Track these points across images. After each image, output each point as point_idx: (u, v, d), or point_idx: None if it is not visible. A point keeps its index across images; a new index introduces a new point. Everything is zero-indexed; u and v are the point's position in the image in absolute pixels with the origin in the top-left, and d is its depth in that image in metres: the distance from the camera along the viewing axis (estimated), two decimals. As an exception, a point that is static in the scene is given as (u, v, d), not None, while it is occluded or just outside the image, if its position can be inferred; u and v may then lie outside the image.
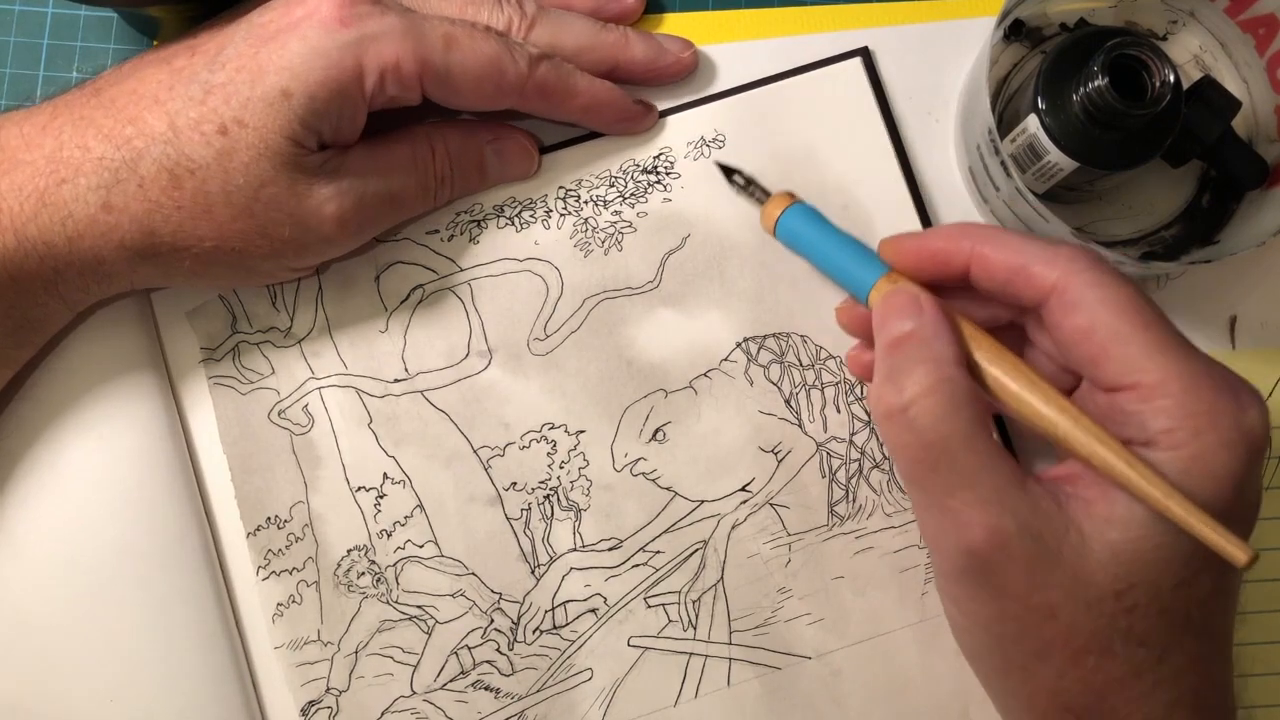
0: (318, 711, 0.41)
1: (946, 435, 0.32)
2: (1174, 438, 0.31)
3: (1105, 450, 0.31)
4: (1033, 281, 0.33)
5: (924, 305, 0.34)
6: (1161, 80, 0.38)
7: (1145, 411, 0.31)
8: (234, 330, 0.43)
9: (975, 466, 0.32)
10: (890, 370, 0.34)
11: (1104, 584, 0.31)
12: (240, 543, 0.42)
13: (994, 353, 0.34)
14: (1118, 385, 0.32)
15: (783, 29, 0.45)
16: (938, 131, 0.45)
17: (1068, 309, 0.33)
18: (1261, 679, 0.43)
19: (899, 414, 0.33)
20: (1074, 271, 0.33)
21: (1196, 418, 0.31)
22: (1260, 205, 0.43)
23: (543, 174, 0.44)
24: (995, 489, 0.32)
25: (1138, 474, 0.30)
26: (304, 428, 0.43)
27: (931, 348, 0.33)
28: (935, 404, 0.32)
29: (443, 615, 0.42)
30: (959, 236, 0.35)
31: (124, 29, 0.46)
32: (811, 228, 0.39)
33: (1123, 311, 0.32)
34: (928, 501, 0.33)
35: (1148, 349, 0.31)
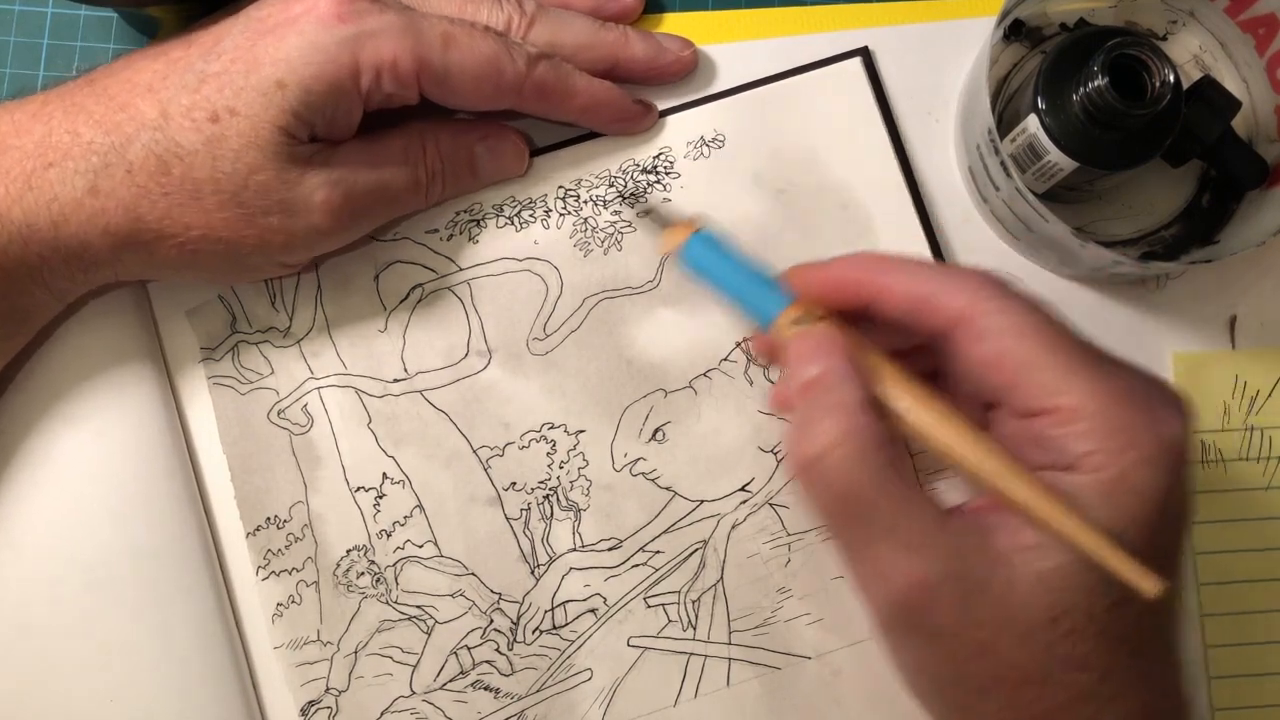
0: (317, 711, 0.41)
1: (860, 486, 0.31)
2: (1094, 460, 0.30)
3: (1014, 484, 0.31)
4: (938, 311, 0.33)
5: (832, 347, 0.34)
6: (1161, 80, 0.38)
7: (1063, 436, 0.31)
8: (233, 330, 0.43)
9: (892, 514, 0.31)
10: (800, 420, 0.33)
11: (1036, 614, 0.30)
12: (240, 543, 0.42)
13: (903, 386, 0.33)
14: (1033, 411, 0.31)
15: (782, 29, 0.45)
16: (937, 131, 0.45)
17: (975, 338, 0.32)
18: (1262, 679, 0.43)
19: (811, 468, 0.32)
20: (978, 300, 0.32)
21: (1115, 437, 0.30)
22: (1260, 205, 0.43)
23: (542, 173, 0.44)
24: (915, 534, 0.31)
25: (1045, 505, 0.30)
26: (303, 428, 0.43)
27: (838, 394, 0.33)
28: (845, 455, 0.32)
29: (442, 615, 0.42)
30: (863, 266, 0.35)
31: (124, 29, 0.46)
32: (715, 255, 0.37)
33: (1031, 337, 0.31)
34: (850, 553, 0.33)
35: (1060, 373, 0.31)
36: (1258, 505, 0.44)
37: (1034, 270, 0.44)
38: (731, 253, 0.37)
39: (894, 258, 0.35)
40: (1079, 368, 0.31)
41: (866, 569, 0.32)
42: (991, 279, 0.33)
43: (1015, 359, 0.31)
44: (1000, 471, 0.31)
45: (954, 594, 0.30)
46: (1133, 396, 0.31)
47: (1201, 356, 0.44)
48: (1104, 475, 0.30)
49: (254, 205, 0.37)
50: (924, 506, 0.31)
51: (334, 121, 0.38)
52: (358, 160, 0.39)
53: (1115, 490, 0.30)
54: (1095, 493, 0.30)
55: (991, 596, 0.30)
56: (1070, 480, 0.30)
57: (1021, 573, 0.30)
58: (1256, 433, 0.44)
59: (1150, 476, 0.30)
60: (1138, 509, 0.30)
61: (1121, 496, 0.30)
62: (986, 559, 0.31)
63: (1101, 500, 0.30)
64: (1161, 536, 0.30)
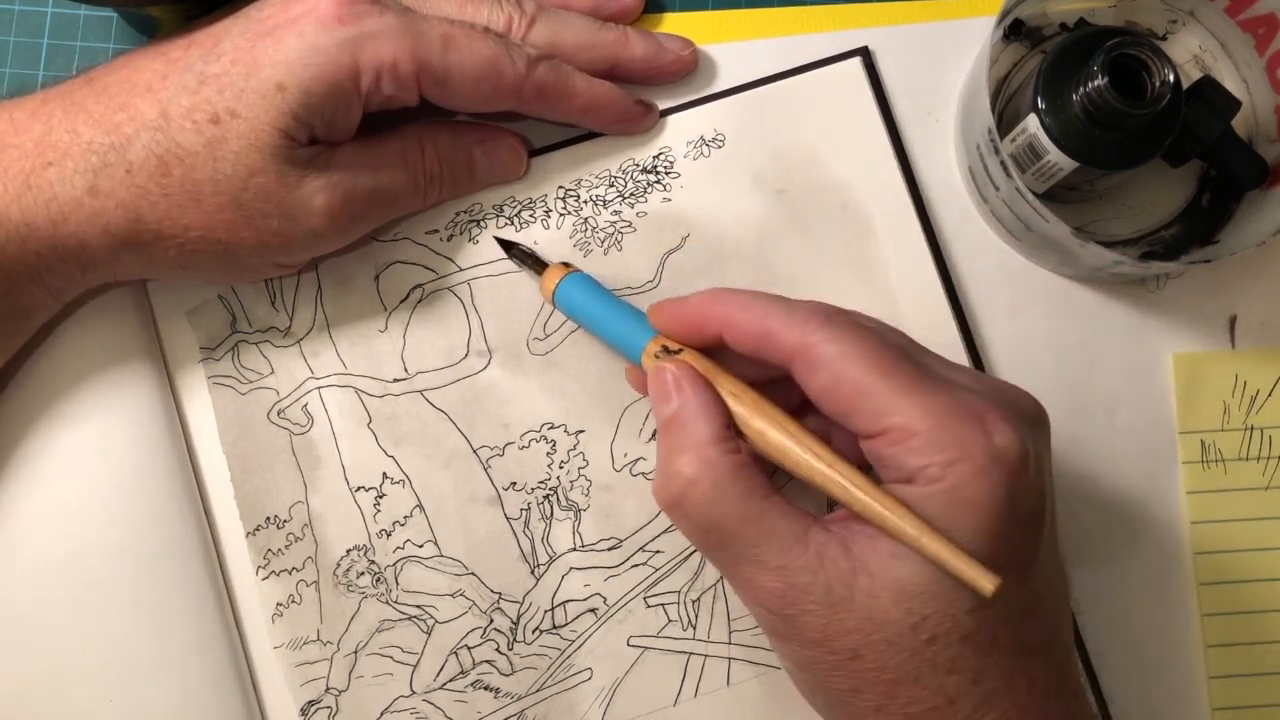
0: (317, 711, 0.41)
1: (720, 518, 0.33)
2: (929, 474, 0.31)
3: (858, 495, 0.32)
4: (777, 345, 0.34)
5: (684, 383, 0.35)
6: (1161, 80, 0.38)
7: (899, 453, 0.32)
8: (233, 330, 0.43)
9: (754, 538, 0.33)
10: (661, 458, 0.35)
11: (899, 620, 0.31)
12: (240, 542, 0.42)
13: (755, 409, 0.34)
14: (870, 433, 0.32)
15: (782, 29, 0.45)
16: (937, 131, 0.45)
17: (810, 370, 0.33)
18: (1261, 678, 0.43)
19: (675, 507, 0.34)
20: (809, 332, 0.33)
21: (946, 451, 0.31)
22: (1260, 205, 0.43)
23: (542, 173, 0.44)
24: (777, 554, 0.32)
25: (888, 514, 0.31)
26: (303, 428, 0.43)
27: (691, 432, 0.34)
28: (702, 492, 0.33)
29: (442, 615, 0.42)
30: (710, 303, 0.36)
31: (124, 29, 0.46)
32: (586, 295, 0.40)
33: (862, 363, 0.32)
34: (724, 575, 0.35)
35: (890, 394, 0.32)
36: (1257, 505, 0.44)
37: (1034, 270, 0.44)
38: (601, 293, 0.40)
39: (740, 294, 0.36)
40: (908, 387, 0.32)
41: (740, 589, 0.34)
42: (821, 311, 0.34)
43: (847, 385, 0.32)
44: (845, 485, 0.32)
45: (819, 605, 0.32)
46: (962, 410, 0.32)
47: (1201, 356, 0.44)
48: (939, 488, 0.31)
49: (253, 208, 0.37)
50: (785, 525, 0.33)
51: (333, 123, 0.38)
52: (356, 163, 0.39)
53: (952, 501, 0.31)
54: (934, 504, 0.31)
55: (855, 605, 0.31)
56: (910, 493, 0.31)
57: (882, 580, 0.31)
58: (1256, 432, 0.44)
59: (984, 487, 0.31)
60: (976, 518, 0.31)
61: (958, 507, 0.31)
62: (848, 569, 0.32)
63: (941, 510, 0.31)
64: (1009, 541, 0.31)
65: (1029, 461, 0.32)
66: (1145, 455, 0.44)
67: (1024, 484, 0.31)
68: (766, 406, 0.35)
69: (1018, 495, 0.31)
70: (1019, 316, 0.44)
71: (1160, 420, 0.44)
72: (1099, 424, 0.44)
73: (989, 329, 0.44)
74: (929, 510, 0.31)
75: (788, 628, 0.33)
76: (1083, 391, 0.44)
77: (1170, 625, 0.43)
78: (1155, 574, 0.44)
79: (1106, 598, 0.43)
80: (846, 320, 0.34)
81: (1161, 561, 0.44)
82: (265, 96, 0.36)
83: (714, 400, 0.35)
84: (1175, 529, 0.44)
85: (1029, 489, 0.32)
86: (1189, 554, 0.44)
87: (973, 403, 0.32)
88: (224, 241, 0.38)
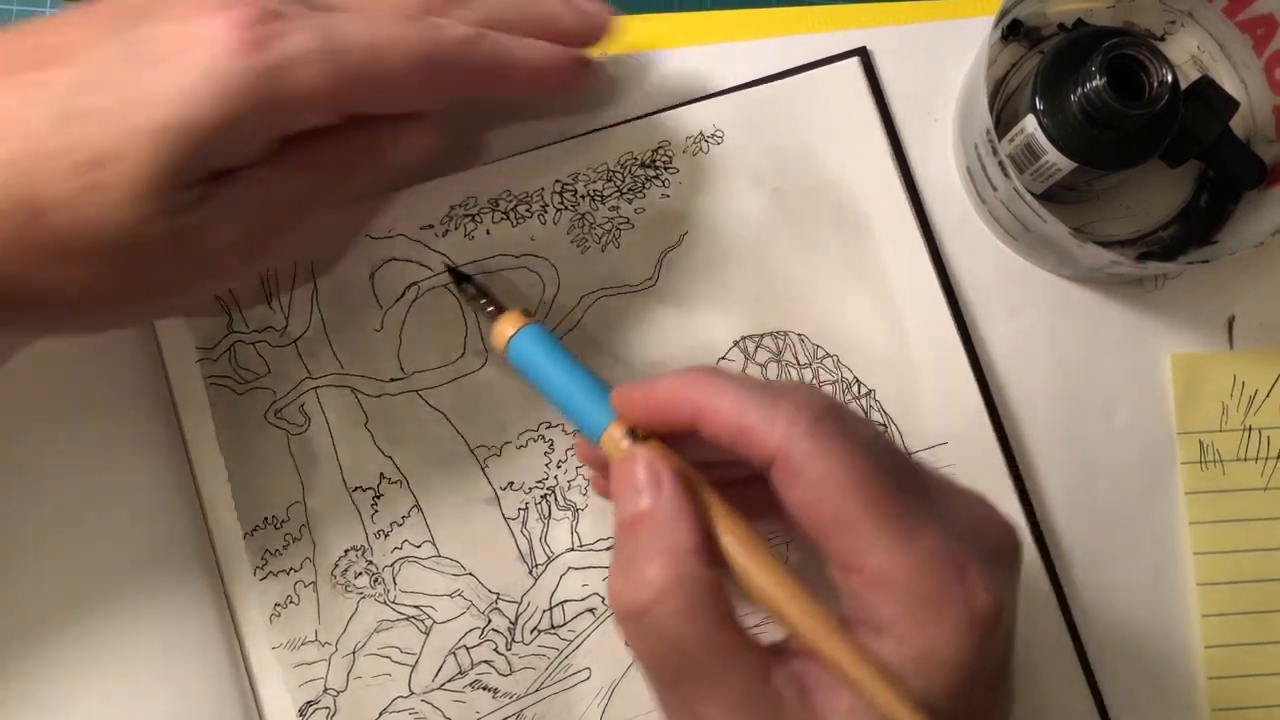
0: (315, 711, 0.41)
1: (687, 639, 0.29)
2: (901, 629, 0.29)
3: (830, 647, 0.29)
4: (756, 444, 0.30)
5: (662, 480, 0.31)
6: (1159, 80, 0.38)
7: (873, 600, 0.29)
8: (230, 330, 0.43)
9: (719, 669, 0.29)
10: (626, 559, 0.31)
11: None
12: (237, 543, 0.42)
13: (725, 521, 0.31)
14: (846, 566, 0.29)
15: (781, 29, 0.45)
16: (936, 131, 0.45)
17: (789, 480, 0.30)
18: (1260, 679, 0.43)
19: (638, 618, 0.30)
20: (793, 439, 0.29)
21: (923, 609, 0.29)
22: (1258, 205, 0.43)
23: (538, 166, 0.43)
24: (740, 693, 0.29)
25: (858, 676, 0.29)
26: (300, 428, 0.42)
27: (668, 535, 0.30)
28: (675, 606, 0.29)
29: (440, 615, 0.42)
30: (686, 387, 0.32)
31: (121, 28, 0.46)
32: (545, 355, 0.36)
33: (845, 486, 0.29)
34: (674, 705, 0.31)
35: (869, 531, 0.29)
36: (1256, 505, 0.44)
37: (1032, 270, 0.44)
38: (560, 354, 0.36)
39: (717, 378, 0.32)
40: (889, 525, 0.29)
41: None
42: (808, 410, 0.30)
43: (826, 510, 0.29)
44: (818, 632, 0.29)
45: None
46: (943, 562, 0.29)
47: (1199, 357, 0.44)
48: (911, 647, 0.29)
49: (143, 258, 0.32)
50: (749, 660, 0.30)
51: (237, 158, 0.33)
52: (255, 185, 0.34)
53: (922, 660, 0.29)
54: (904, 660, 0.29)
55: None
56: (880, 645, 0.29)
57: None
58: (1255, 433, 0.44)
59: (957, 650, 0.29)
60: (946, 677, 0.29)
61: (929, 667, 0.29)
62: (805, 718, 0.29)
63: (910, 668, 0.29)
64: (975, 698, 0.29)
65: (1003, 619, 0.30)
66: (1143, 456, 0.44)
67: (996, 642, 0.29)
68: (736, 520, 0.31)
69: (987, 654, 0.29)
70: (1017, 317, 0.44)
71: (1158, 421, 0.44)
72: (1097, 424, 0.44)
73: (987, 329, 0.44)
74: (897, 664, 0.29)
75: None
76: (1081, 392, 0.44)
77: (1169, 626, 0.43)
78: (1154, 574, 0.44)
79: (1105, 598, 0.43)
80: (835, 429, 0.30)
81: (1160, 562, 0.44)
82: (152, 137, 0.30)
83: (695, 505, 0.31)
84: (1174, 529, 0.44)
85: (998, 645, 0.30)
86: (1188, 554, 0.44)
87: (954, 552, 0.29)
88: (115, 293, 0.33)
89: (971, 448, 0.43)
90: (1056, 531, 0.43)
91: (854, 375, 0.43)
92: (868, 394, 0.43)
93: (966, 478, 0.42)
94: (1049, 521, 0.43)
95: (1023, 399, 0.44)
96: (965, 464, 0.42)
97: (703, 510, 0.31)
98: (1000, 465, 0.42)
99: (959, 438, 0.43)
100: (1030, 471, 0.43)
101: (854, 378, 0.43)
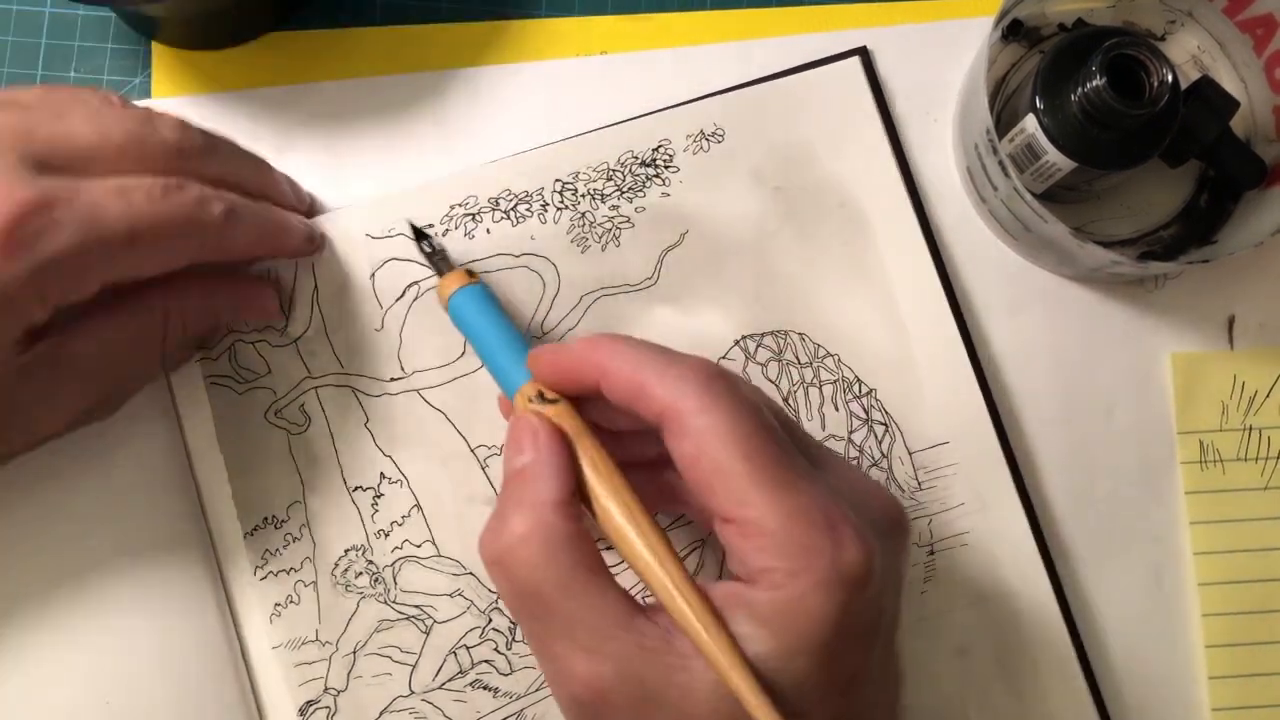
0: (316, 711, 0.41)
1: (541, 585, 0.31)
2: (771, 579, 0.29)
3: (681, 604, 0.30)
4: (649, 402, 0.32)
5: (540, 440, 0.33)
6: (1159, 80, 0.38)
7: (746, 549, 0.30)
8: (230, 330, 0.43)
9: (573, 614, 0.31)
10: (498, 509, 0.33)
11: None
12: (237, 543, 0.42)
13: (608, 484, 0.33)
14: (725, 518, 0.31)
15: (781, 28, 0.45)
16: (936, 131, 0.45)
17: (677, 434, 0.31)
18: (1259, 679, 0.43)
19: (497, 561, 0.32)
20: (682, 394, 0.31)
21: (792, 559, 0.29)
22: (1258, 205, 0.43)
23: (538, 165, 0.43)
24: (594, 635, 0.30)
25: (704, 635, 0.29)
26: (300, 427, 0.42)
27: (534, 489, 0.32)
28: (529, 552, 0.31)
29: (441, 615, 0.42)
30: (590, 350, 0.34)
31: (121, 28, 0.46)
32: (478, 314, 0.38)
33: (729, 442, 0.30)
34: (533, 646, 0.33)
35: (749, 482, 0.30)
36: (1255, 505, 0.44)
37: (1032, 270, 0.45)
38: (495, 315, 0.38)
39: (619, 343, 0.34)
40: (769, 479, 0.30)
41: (546, 665, 0.32)
42: (701, 371, 0.32)
43: (710, 462, 0.30)
44: (671, 592, 0.30)
45: (627, 698, 0.30)
46: (815, 515, 0.30)
47: (1199, 356, 0.44)
48: (778, 595, 0.29)
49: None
50: (609, 607, 0.31)
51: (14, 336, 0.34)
52: (81, 356, 0.36)
53: (788, 611, 0.29)
54: (770, 611, 0.29)
55: (667, 702, 0.30)
56: (750, 595, 0.30)
57: (699, 679, 0.30)
58: (1254, 433, 0.44)
59: (823, 602, 0.29)
60: (811, 632, 0.29)
61: (794, 619, 0.29)
62: (666, 663, 0.30)
63: (776, 618, 0.29)
64: (838, 657, 0.30)
65: (872, 578, 0.30)
66: (1143, 456, 0.44)
67: (863, 600, 0.30)
68: (621, 485, 0.33)
69: (855, 612, 0.30)
70: (1017, 316, 0.44)
71: (1158, 420, 0.44)
72: (1097, 424, 0.44)
73: (987, 329, 0.44)
74: (762, 614, 0.29)
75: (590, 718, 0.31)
76: (1081, 391, 0.44)
77: (1169, 625, 0.43)
78: (1154, 574, 0.44)
79: (1105, 598, 0.43)
80: (725, 389, 0.31)
81: (1160, 562, 0.44)
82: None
83: (567, 464, 0.33)
84: (1174, 529, 0.44)
85: (868, 605, 0.30)
86: (1188, 554, 0.44)
87: (829, 509, 0.30)
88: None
89: (972, 447, 0.43)
90: (1057, 531, 0.43)
91: (855, 374, 0.43)
92: (869, 393, 0.43)
93: (967, 477, 0.43)
94: (1049, 521, 0.43)
95: (1023, 399, 0.44)
96: (966, 463, 0.42)
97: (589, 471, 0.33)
98: (1001, 464, 0.42)
99: (959, 437, 0.43)
100: (1031, 471, 0.43)
101: (855, 376, 0.43)
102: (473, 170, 0.43)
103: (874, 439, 0.43)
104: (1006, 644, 0.42)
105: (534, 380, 0.36)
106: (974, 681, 0.42)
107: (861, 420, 0.43)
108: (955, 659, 0.42)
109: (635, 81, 0.45)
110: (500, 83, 0.45)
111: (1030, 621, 0.42)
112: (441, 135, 0.45)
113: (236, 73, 0.45)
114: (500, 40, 0.46)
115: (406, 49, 0.46)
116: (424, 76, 0.45)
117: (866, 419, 0.43)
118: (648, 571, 0.31)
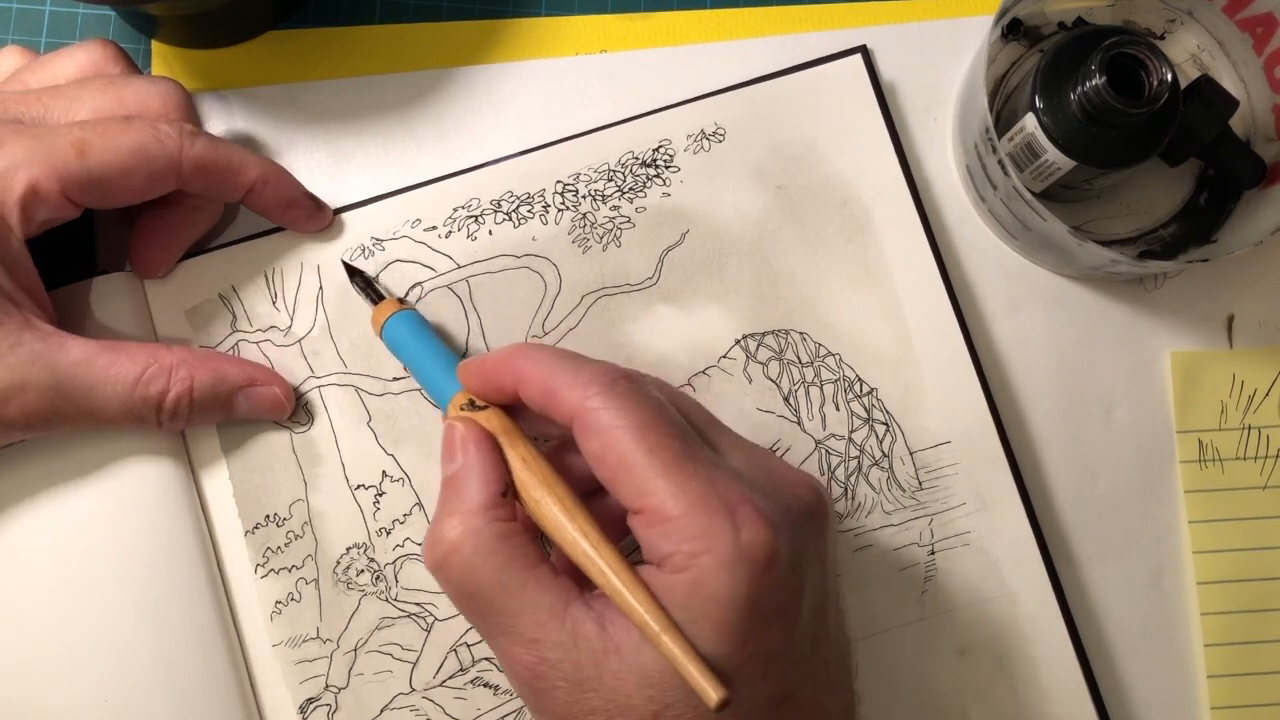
0: (316, 708, 0.41)
1: (479, 585, 0.33)
2: (675, 562, 0.31)
3: (613, 580, 0.31)
4: (560, 404, 0.33)
5: (468, 444, 0.35)
6: (1159, 79, 0.38)
7: (652, 535, 0.31)
8: (234, 329, 0.43)
9: (511, 610, 0.32)
10: (434, 518, 0.34)
11: (640, 706, 0.31)
12: (238, 541, 0.42)
13: (540, 478, 0.34)
14: (631, 509, 0.32)
15: (782, 27, 0.45)
16: (936, 130, 0.45)
17: (585, 434, 0.32)
18: (1258, 677, 0.43)
19: (438, 567, 0.34)
20: (588, 395, 0.32)
21: (693, 541, 0.30)
22: (1258, 204, 0.43)
23: (539, 167, 0.44)
24: (532, 627, 0.32)
25: (635, 606, 0.31)
26: (303, 426, 0.43)
27: (463, 496, 0.34)
28: (463, 558, 0.33)
29: (442, 612, 0.42)
30: (509, 358, 0.35)
31: (122, 27, 0.46)
32: (410, 337, 0.40)
33: (632, 436, 0.32)
34: (483, 638, 0.34)
35: (651, 473, 0.31)
36: (1255, 504, 0.44)
37: (1032, 269, 0.45)
38: (425, 337, 0.40)
39: (536, 351, 0.35)
40: (669, 468, 0.31)
41: (497, 655, 0.34)
42: (605, 374, 0.33)
43: (614, 456, 0.32)
44: (603, 570, 0.32)
45: (566, 683, 0.31)
46: (715, 500, 0.31)
47: (1199, 355, 0.44)
48: (683, 578, 0.31)
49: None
50: (543, 598, 0.32)
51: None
52: (74, 367, 0.37)
53: (694, 593, 0.30)
54: (678, 593, 0.31)
55: (602, 686, 0.31)
56: (658, 579, 0.31)
57: (631, 664, 0.31)
58: (1254, 432, 0.44)
59: (727, 582, 0.30)
60: (716, 611, 0.30)
61: (700, 600, 0.30)
62: (599, 650, 0.31)
63: (684, 601, 0.31)
64: (750, 638, 0.31)
65: (779, 558, 0.31)
66: (1143, 454, 0.44)
67: (770, 580, 0.31)
68: (552, 478, 0.34)
69: (763, 592, 0.31)
70: (1017, 315, 0.44)
71: (1158, 419, 0.44)
72: (1097, 423, 0.44)
73: (987, 328, 0.44)
74: (673, 599, 0.31)
75: (538, 701, 0.32)
76: (1080, 390, 0.44)
77: (1168, 624, 0.43)
78: (1153, 573, 0.44)
79: (1104, 597, 0.43)
80: (630, 389, 0.33)
81: (1159, 560, 0.44)
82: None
83: (494, 465, 0.34)
84: (1173, 528, 0.44)
85: (777, 585, 0.31)
86: (1187, 553, 0.44)
87: (729, 493, 0.31)
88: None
89: (973, 446, 0.43)
90: (1056, 530, 0.43)
91: (856, 373, 0.43)
92: (870, 392, 0.43)
93: (968, 475, 0.43)
94: (1049, 520, 0.43)
95: (1023, 398, 0.44)
96: (967, 462, 0.42)
97: (520, 467, 0.34)
98: (1002, 463, 0.42)
99: (961, 436, 0.43)
100: (1031, 470, 0.44)
101: (856, 376, 0.43)
102: (475, 172, 0.44)
103: (875, 438, 0.43)
104: (1006, 644, 0.42)
105: (464, 390, 0.37)
106: (974, 681, 0.42)
107: (862, 420, 0.43)
108: (955, 659, 0.42)
109: (635, 80, 0.45)
110: (500, 81, 0.45)
111: (1030, 621, 0.42)
112: (441, 134, 0.45)
113: (236, 72, 0.45)
114: (500, 39, 0.46)
115: (406, 48, 0.46)
116: (424, 75, 0.45)
117: (867, 418, 0.43)
118: (581, 555, 0.32)
